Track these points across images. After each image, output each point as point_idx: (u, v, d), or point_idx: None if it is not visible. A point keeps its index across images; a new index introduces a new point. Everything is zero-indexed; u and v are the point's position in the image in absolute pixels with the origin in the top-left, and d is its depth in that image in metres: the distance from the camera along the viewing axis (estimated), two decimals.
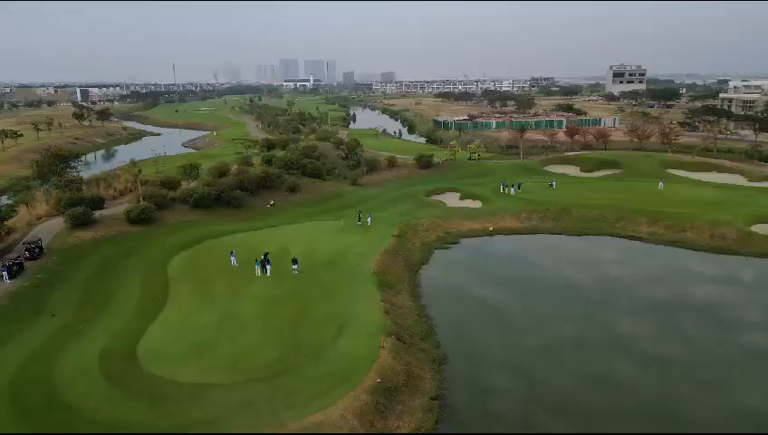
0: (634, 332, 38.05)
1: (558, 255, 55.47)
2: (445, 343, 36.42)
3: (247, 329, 36.00)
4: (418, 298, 44.03)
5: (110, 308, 40.51)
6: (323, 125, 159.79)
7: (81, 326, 37.37)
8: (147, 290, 43.47)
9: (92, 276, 46.18)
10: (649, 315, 40.44)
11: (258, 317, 37.74)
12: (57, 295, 42.50)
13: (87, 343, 34.91)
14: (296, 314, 38.19)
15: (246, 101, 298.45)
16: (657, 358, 34.39)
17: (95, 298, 42.27)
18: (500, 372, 33.03)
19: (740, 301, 43.40)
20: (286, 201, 71.43)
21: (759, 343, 36.35)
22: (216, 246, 52.87)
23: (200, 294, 42.27)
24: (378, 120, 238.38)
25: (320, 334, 35.01)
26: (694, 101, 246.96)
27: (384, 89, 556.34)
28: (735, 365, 33.71)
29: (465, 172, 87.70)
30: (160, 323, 37.34)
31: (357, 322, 36.73)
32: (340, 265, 47.78)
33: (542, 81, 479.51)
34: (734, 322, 39.54)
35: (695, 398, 30.21)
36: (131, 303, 41.28)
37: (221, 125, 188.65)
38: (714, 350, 35.66)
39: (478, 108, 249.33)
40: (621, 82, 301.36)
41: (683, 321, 39.58)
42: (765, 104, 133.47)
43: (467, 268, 51.95)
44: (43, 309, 40.26)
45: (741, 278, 48.98)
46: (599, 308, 41.82)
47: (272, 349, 33.25)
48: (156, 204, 60.10)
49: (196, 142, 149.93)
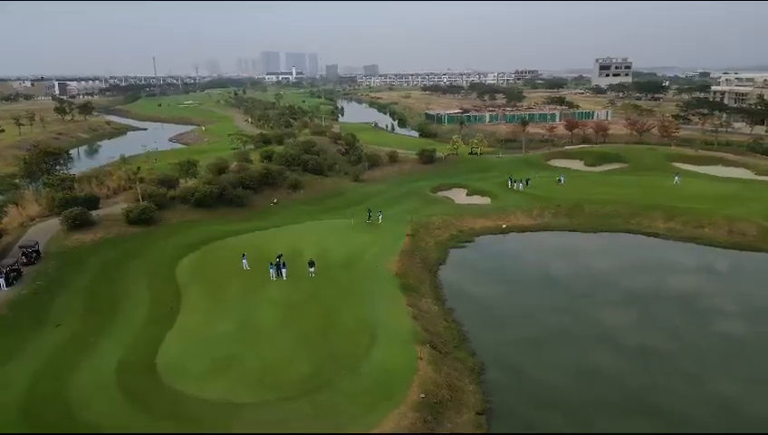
0: (695, 337, 36.45)
1: (579, 253, 53.98)
2: (479, 351, 34.62)
3: (271, 339, 33.82)
4: (443, 302, 42.20)
5: (118, 316, 37.99)
6: (315, 119, 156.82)
7: (92, 338, 34.84)
8: (156, 296, 41.00)
9: (95, 282, 43.54)
10: (699, 319, 39.03)
11: (281, 325, 35.56)
12: (59, 303, 39.86)
13: (100, 356, 32.48)
14: (321, 320, 36.08)
15: (231, 95, 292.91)
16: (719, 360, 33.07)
17: (101, 305, 39.69)
18: (542, 382, 31.37)
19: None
20: (289, 199, 69.00)
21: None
22: (224, 248, 50.41)
23: (214, 299, 39.89)
24: (366, 114, 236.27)
25: (350, 344, 32.98)
26: (680, 93, 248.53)
27: (369, 82, 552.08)
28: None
29: (468, 167, 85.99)
30: (177, 333, 34.96)
31: (387, 329, 34.79)
32: (358, 267, 45.72)
33: (526, 73, 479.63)
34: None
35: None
36: (141, 310, 38.80)
37: (208, 119, 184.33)
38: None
39: (467, 101, 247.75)
40: (608, 75, 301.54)
41: (737, 324, 38.33)
42: (758, 97, 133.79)
43: (487, 269, 50.26)
44: (47, 319, 37.65)
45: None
46: (643, 311, 40.17)
47: (302, 361, 31.13)
48: (156, 203, 57.32)
49: (185, 137, 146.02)
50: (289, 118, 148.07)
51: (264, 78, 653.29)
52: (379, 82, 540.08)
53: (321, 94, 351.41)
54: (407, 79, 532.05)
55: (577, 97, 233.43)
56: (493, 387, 30.71)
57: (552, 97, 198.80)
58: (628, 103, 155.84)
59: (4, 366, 31.54)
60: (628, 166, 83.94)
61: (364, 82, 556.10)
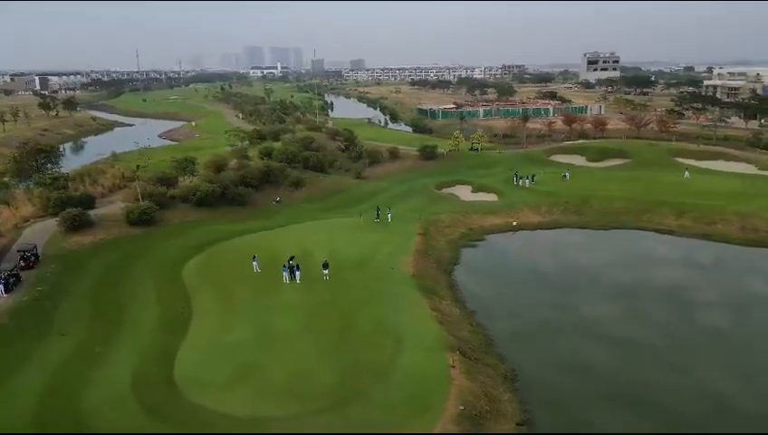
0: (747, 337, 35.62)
1: (595, 252, 53.13)
2: (509, 357, 33.41)
3: (292, 346, 32.28)
4: (463, 304, 40.92)
5: (126, 323, 36.14)
6: (307, 114, 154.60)
7: (99, 348, 32.99)
8: (164, 300, 39.23)
9: (99, 286, 41.63)
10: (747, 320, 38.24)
11: (300, 331, 34.00)
12: (63, 310, 37.92)
13: (112, 367, 30.67)
14: (341, 326, 34.59)
15: (218, 90, 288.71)
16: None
17: (107, 312, 37.82)
18: (579, 388, 30.26)
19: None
20: (291, 197, 67.23)
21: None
22: (231, 249, 48.67)
23: (227, 304, 38.20)
24: (355, 109, 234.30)
25: (376, 350, 31.56)
26: (668, 88, 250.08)
27: (356, 76, 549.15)
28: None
29: (469, 163, 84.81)
30: (192, 341, 33.25)
31: (412, 334, 33.43)
32: (372, 268, 44.27)
33: (513, 68, 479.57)
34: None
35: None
36: (150, 316, 37.01)
37: (197, 115, 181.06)
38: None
39: (457, 96, 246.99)
40: (596, 70, 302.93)
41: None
42: (751, 91, 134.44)
43: (502, 268, 49.18)
44: (50, 327, 35.70)
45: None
46: (669, 310, 39.37)
47: (327, 370, 29.64)
48: (156, 203, 55.29)
49: (175, 133, 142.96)
50: (281, 113, 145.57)
51: (249, 73, 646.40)
52: (366, 77, 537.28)
53: (308, 89, 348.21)
54: (394, 73, 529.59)
55: (567, 92, 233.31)
56: (528, 396, 29.49)
57: (544, 92, 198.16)
58: (621, 98, 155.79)
59: (10, 379, 29.65)
60: (631, 161, 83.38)
61: (351, 77, 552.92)
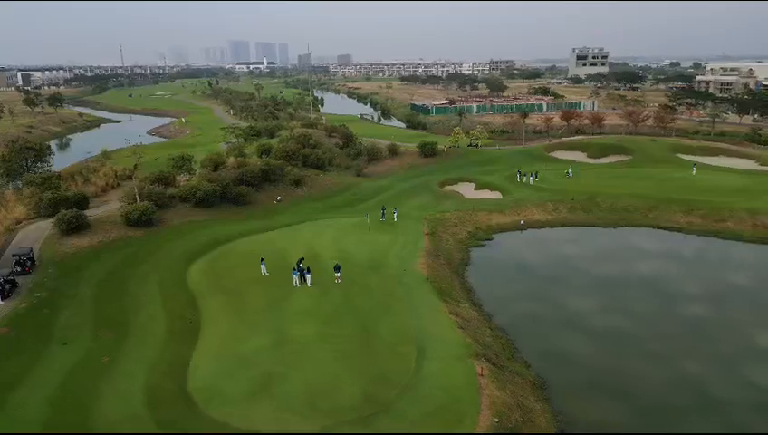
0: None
1: (607, 250, 52.18)
2: (534, 363, 32.32)
3: (311, 355, 30.86)
4: (479, 307, 39.76)
5: (133, 332, 34.45)
6: (299, 110, 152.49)
7: (106, 358, 31.33)
8: (170, 307, 37.56)
9: (100, 292, 39.76)
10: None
11: (318, 339, 32.58)
12: (64, 318, 36.06)
13: (122, 379, 29.02)
14: (360, 333, 33.27)
15: (206, 85, 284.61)
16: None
17: (111, 320, 36.05)
18: (613, 397, 29.24)
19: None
20: (292, 196, 65.61)
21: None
22: (236, 251, 47.04)
23: (238, 311, 36.65)
24: (346, 105, 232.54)
25: (399, 359, 30.28)
26: (657, 83, 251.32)
27: (343, 72, 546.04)
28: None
29: (470, 160, 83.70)
30: (204, 351, 31.72)
31: (434, 341, 32.23)
32: (384, 270, 42.93)
33: (501, 63, 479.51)
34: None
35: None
36: (157, 324, 35.33)
37: (186, 111, 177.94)
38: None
39: (448, 91, 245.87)
40: (585, 65, 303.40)
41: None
42: (744, 86, 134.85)
43: (513, 269, 48.03)
44: (51, 336, 33.87)
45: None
46: (702, 315, 38.50)
47: (351, 381, 28.30)
48: (155, 203, 53.38)
49: (164, 130, 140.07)
50: (273, 109, 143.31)
51: (235, 68, 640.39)
52: (353, 72, 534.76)
53: (296, 85, 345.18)
54: (381, 69, 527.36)
55: (557, 87, 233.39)
56: (561, 405, 28.40)
57: (536, 87, 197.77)
58: (615, 94, 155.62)
59: (14, 393, 27.87)
60: (632, 157, 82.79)
61: (338, 72, 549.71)
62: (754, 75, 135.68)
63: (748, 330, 35.90)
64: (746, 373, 30.90)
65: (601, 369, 31.88)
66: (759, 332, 35.70)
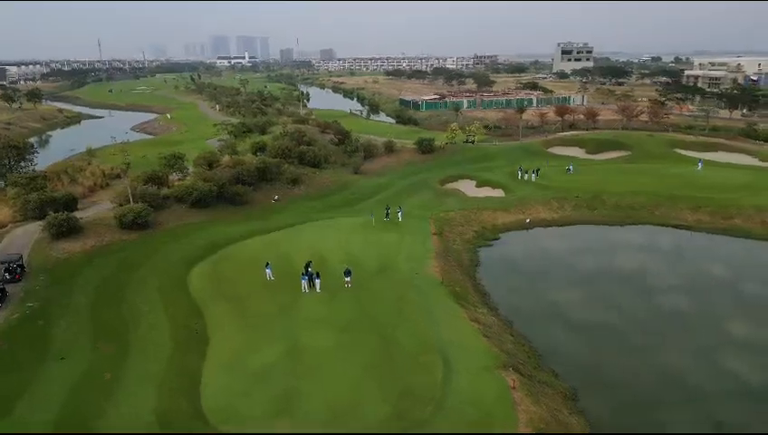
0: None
1: (617, 250, 51.07)
2: (562, 372, 30.94)
3: (331, 369, 29.06)
4: (496, 311, 38.31)
5: (134, 344, 32.35)
6: (288, 106, 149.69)
7: (108, 374, 29.22)
8: (173, 316, 35.48)
9: (97, 301, 37.54)
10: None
11: (334, 350, 30.81)
12: (59, 330, 33.86)
13: (128, 399, 26.99)
14: (378, 342, 31.53)
15: (188, 80, 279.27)
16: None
17: (110, 331, 33.89)
18: (650, 408, 27.95)
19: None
20: (289, 195, 63.53)
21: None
22: (237, 255, 44.97)
23: (246, 319, 34.68)
24: (332, 100, 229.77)
25: (425, 371, 28.63)
26: (643, 78, 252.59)
27: (326, 66, 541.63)
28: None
29: (468, 157, 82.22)
30: (215, 365, 29.75)
31: (458, 350, 30.67)
32: (396, 274, 41.21)
33: (485, 58, 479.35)
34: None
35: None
36: (161, 335, 33.25)
37: (169, 106, 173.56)
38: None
39: (434, 86, 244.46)
40: (570, 60, 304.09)
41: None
42: (732, 81, 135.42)
43: (525, 269, 46.63)
44: (47, 350, 31.69)
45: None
46: (730, 319, 37.51)
47: (377, 397, 26.61)
48: (150, 204, 51.00)
49: (149, 126, 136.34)
50: (261, 105, 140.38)
51: (217, 62, 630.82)
52: (337, 67, 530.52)
53: (280, 80, 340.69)
54: (365, 63, 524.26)
55: (544, 82, 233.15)
56: (597, 419, 27.06)
57: (524, 82, 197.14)
58: (605, 89, 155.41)
59: (11, 416, 25.76)
60: (631, 153, 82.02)
61: (322, 67, 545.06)
62: (743, 70, 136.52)
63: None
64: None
65: (633, 376, 30.60)
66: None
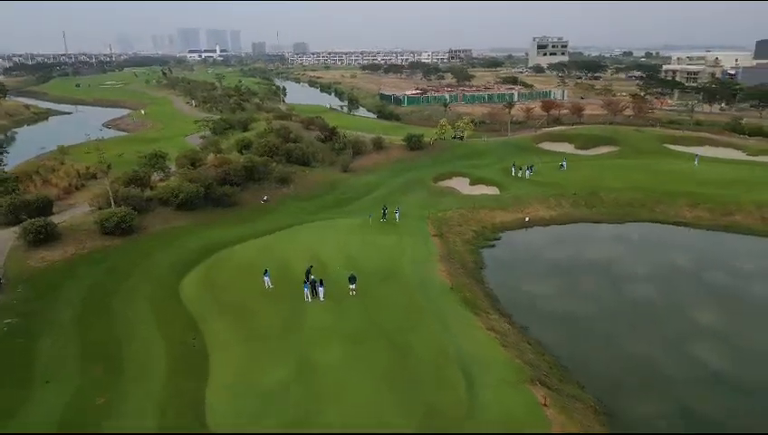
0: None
1: (621, 250, 49.52)
2: (587, 384, 29.42)
3: (346, 386, 26.96)
4: (510, 318, 36.63)
5: (128, 364, 29.73)
6: (266, 101, 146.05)
7: (101, 399, 26.63)
8: (168, 331, 32.92)
9: (83, 315, 34.72)
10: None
11: (348, 365, 28.69)
12: (43, 349, 31.04)
13: (126, 425, 24.49)
14: (394, 355, 29.54)
15: (159, 74, 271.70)
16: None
17: (99, 349, 31.22)
18: (688, 416, 26.64)
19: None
20: (278, 195, 60.91)
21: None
22: (231, 261, 42.42)
23: (248, 333, 32.31)
24: (309, 94, 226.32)
25: (447, 387, 26.78)
26: (618, 72, 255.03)
27: (300, 60, 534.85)
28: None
29: (458, 153, 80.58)
30: (220, 387, 27.37)
31: (479, 363, 28.90)
32: (401, 279, 39.21)
33: (460, 52, 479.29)
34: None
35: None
36: (156, 353, 30.67)
37: (142, 102, 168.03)
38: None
39: (413, 81, 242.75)
40: (545, 54, 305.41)
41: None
42: (710, 75, 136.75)
43: (530, 271, 45.03)
44: (31, 373, 28.92)
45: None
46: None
47: (399, 416, 24.67)
48: (133, 207, 47.96)
49: (122, 123, 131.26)
50: (239, 100, 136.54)
51: (187, 56, 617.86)
52: (311, 61, 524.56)
53: (254, 74, 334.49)
54: (340, 57, 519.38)
55: (522, 76, 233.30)
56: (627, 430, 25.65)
57: (503, 76, 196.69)
58: (585, 83, 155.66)
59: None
60: (620, 149, 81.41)
61: (296, 61, 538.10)
62: (720, 64, 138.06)
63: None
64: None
65: (664, 383, 29.27)
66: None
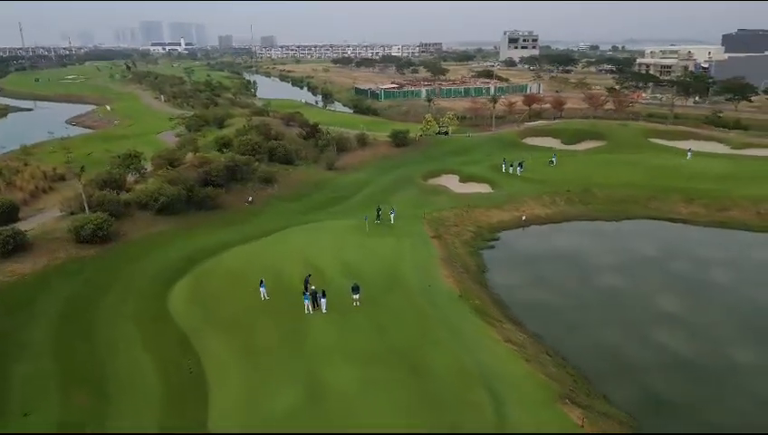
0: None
1: (624, 248, 48.12)
2: (615, 399, 27.75)
3: (363, 410, 24.56)
4: (522, 326, 34.82)
5: (115, 391, 26.81)
6: (239, 96, 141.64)
7: (88, 432, 23.76)
8: (159, 352, 30.05)
9: (61, 336, 31.52)
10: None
11: (362, 388, 26.22)
12: (18, 377, 27.85)
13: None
14: (410, 374, 27.22)
15: (123, 69, 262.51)
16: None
17: (82, 375, 28.21)
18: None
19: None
20: (264, 196, 57.92)
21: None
22: (222, 270, 39.50)
23: (248, 352, 29.59)
24: (280, 89, 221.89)
25: (473, 408, 24.67)
26: (589, 66, 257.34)
27: (269, 54, 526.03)
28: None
29: (445, 149, 78.65)
30: (224, 417, 24.72)
31: (502, 381, 26.94)
32: (405, 286, 36.95)
33: (430, 46, 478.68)
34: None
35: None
36: (147, 378, 27.84)
37: (107, 97, 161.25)
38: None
39: (386, 74, 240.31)
40: (516, 48, 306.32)
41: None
42: (684, 69, 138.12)
43: (535, 274, 43.22)
44: (5, 404, 25.80)
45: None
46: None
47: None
48: (110, 213, 44.48)
49: (87, 119, 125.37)
50: (211, 95, 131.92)
51: (150, 49, 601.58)
52: (279, 55, 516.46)
53: (223, 68, 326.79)
54: (309, 51, 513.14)
55: (495, 70, 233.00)
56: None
57: (477, 70, 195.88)
58: (561, 77, 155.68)
59: None
60: (606, 143, 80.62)
61: (264, 54, 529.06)
62: (693, 58, 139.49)
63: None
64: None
65: (702, 400, 27.83)
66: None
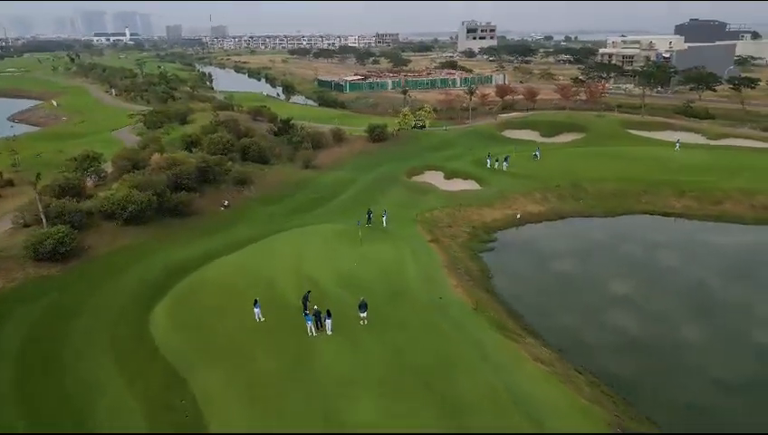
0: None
1: (621, 247, 46.42)
2: (659, 420, 25.58)
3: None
4: (543, 339, 32.28)
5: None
6: (198, 89, 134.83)
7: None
8: (144, 390, 26.08)
9: (25, 374, 27.24)
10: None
11: (388, 425, 23.12)
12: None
13: None
14: (440, 407, 24.05)
15: (67, 61, 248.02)
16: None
17: (53, 421, 24.08)
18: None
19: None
20: (240, 199, 53.63)
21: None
22: (205, 287, 35.42)
23: (250, 385, 25.82)
24: (236, 80, 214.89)
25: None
26: (547, 56, 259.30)
27: (221, 45, 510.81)
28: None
29: (424, 144, 75.66)
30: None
31: (543, 407, 24.27)
32: (412, 300, 33.79)
33: (387, 37, 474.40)
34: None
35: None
36: (132, 421, 24.04)
37: (52, 91, 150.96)
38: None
39: (345, 65, 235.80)
40: (475, 38, 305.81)
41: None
42: (646, 59, 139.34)
43: (543, 278, 40.91)
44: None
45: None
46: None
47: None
48: (72, 225, 39.57)
49: (32, 116, 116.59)
50: (167, 88, 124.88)
51: (94, 40, 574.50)
52: (232, 45, 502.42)
53: (174, 59, 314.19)
54: (263, 41, 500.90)
55: (457, 61, 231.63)
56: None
57: (440, 61, 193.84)
58: (525, 67, 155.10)
59: None
60: (586, 135, 79.38)
61: (215, 45, 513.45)
62: (655, 48, 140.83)
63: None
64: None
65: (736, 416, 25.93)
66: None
